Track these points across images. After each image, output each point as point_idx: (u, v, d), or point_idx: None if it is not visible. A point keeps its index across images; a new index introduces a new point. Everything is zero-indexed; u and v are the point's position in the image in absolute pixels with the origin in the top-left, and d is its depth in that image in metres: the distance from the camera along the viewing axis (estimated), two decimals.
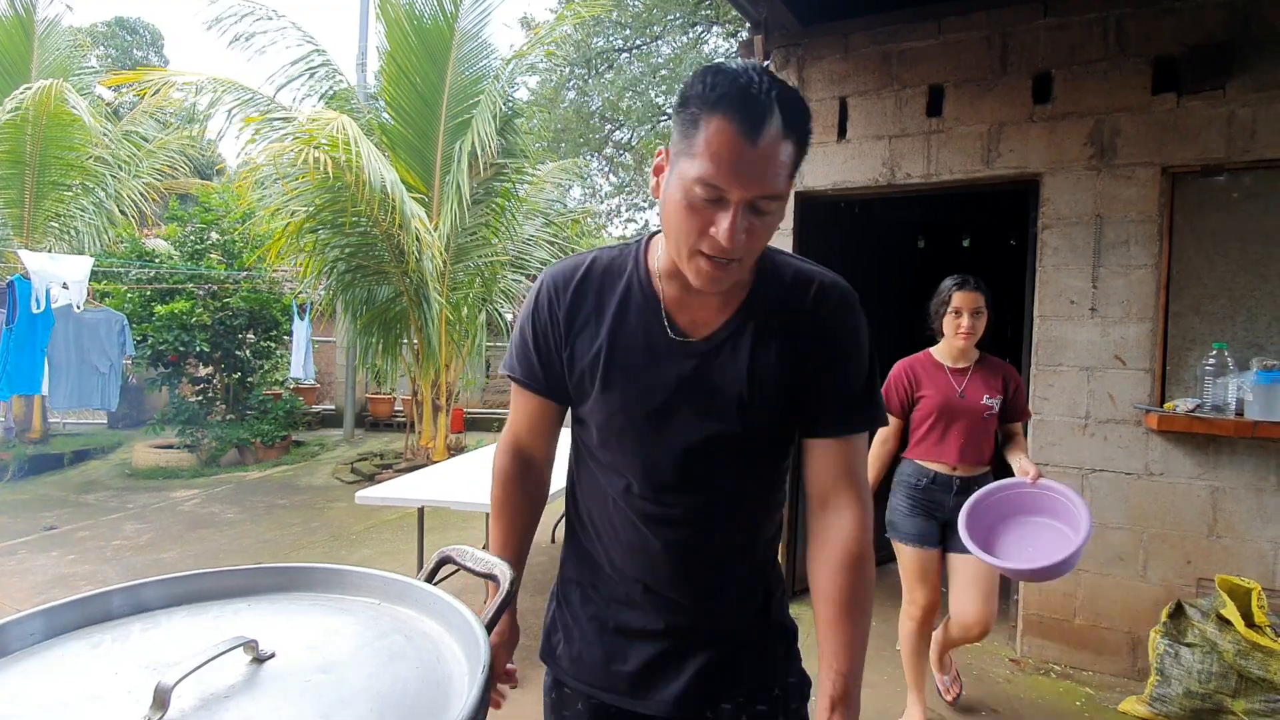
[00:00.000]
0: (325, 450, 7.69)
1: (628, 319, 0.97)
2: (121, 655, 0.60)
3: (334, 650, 0.61)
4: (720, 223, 0.80)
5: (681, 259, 0.87)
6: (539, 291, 1.02)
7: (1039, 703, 2.63)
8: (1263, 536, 2.66)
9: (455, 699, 0.57)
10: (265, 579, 0.74)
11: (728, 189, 0.79)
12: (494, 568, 0.74)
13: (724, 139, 0.77)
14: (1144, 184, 2.81)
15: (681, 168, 0.82)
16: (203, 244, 7.09)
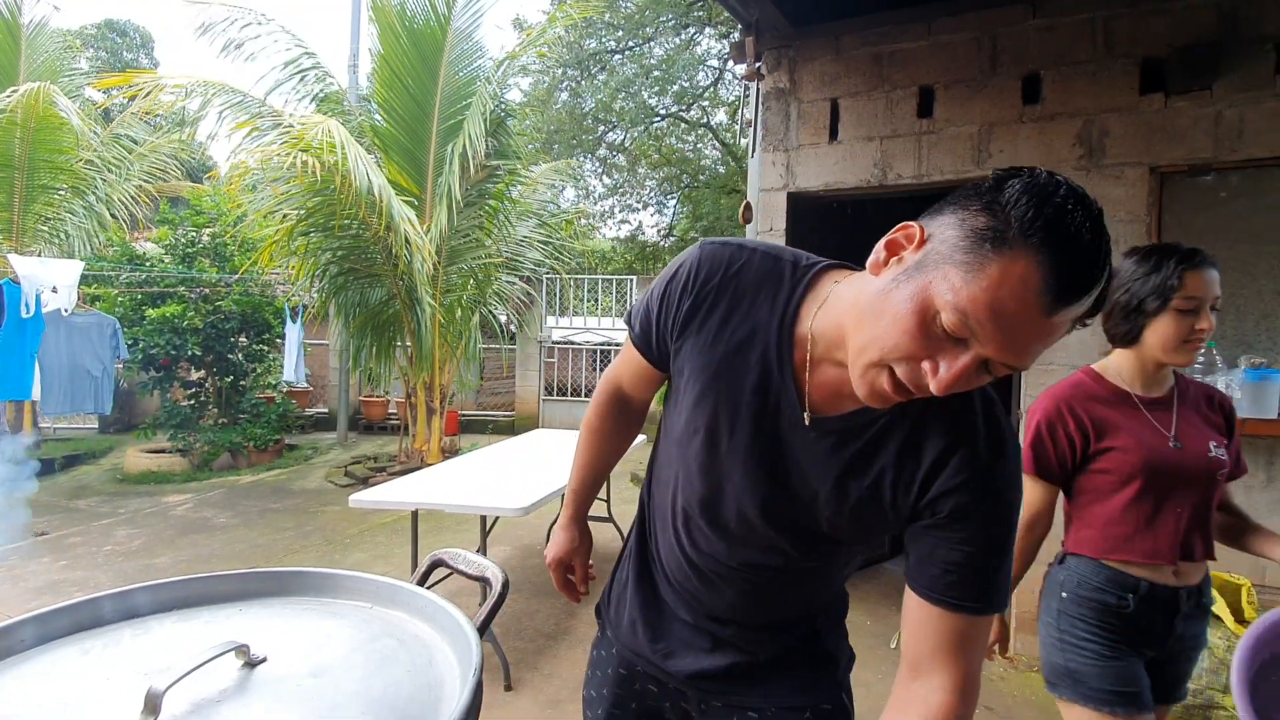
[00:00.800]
0: (318, 454, 7.66)
1: (750, 356, 0.82)
2: (113, 661, 0.60)
3: (326, 655, 0.61)
4: (943, 366, 0.64)
5: (859, 363, 0.70)
6: (684, 262, 0.89)
7: (1031, 699, 2.64)
8: None
9: (447, 702, 0.57)
10: (257, 584, 0.74)
11: (984, 344, 0.62)
12: (486, 570, 0.74)
13: (1022, 292, 0.60)
14: (1132, 184, 2.83)
15: (939, 279, 0.63)
16: (194, 247, 7.05)
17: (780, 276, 0.83)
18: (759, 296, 0.83)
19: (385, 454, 7.40)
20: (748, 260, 0.85)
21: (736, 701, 0.98)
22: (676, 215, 15.22)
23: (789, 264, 0.84)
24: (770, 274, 0.84)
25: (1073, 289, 0.60)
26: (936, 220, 0.67)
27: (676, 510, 0.94)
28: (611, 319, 9.25)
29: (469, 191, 6.00)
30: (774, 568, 0.88)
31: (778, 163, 3.46)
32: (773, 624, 0.96)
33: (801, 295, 0.81)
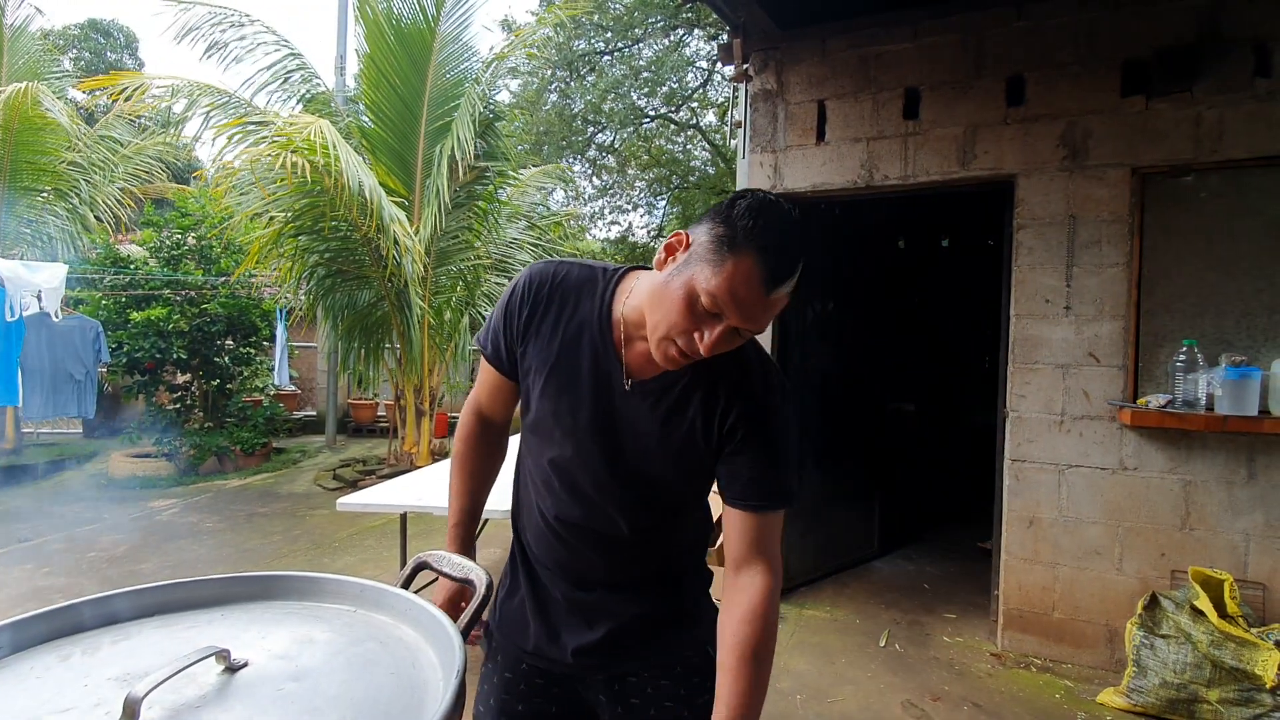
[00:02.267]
0: (307, 457, 7.61)
1: (581, 343, 1.03)
2: (91, 667, 0.60)
3: (307, 659, 0.61)
4: (706, 334, 0.88)
5: (654, 338, 0.93)
6: (518, 283, 1.09)
7: (1020, 696, 2.66)
8: (1234, 528, 2.72)
9: (430, 704, 0.57)
10: (239, 589, 0.74)
11: (730, 317, 0.87)
12: (470, 572, 0.74)
13: (749, 280, 0.85)
14: (1115, 184, 2.86)
15: (698, 272, 0.87)
16: (179, 249, 6.99)
17: (595, 279, 1.05)
18: (581, 296, 1.04)
19: (374, 457, 7.36)
20: (568, 271, 1.07)
21: (616, 670, 1.12)
22: (666, 216, 15.24)
23: (600, 270, 1.06)
24: (588, 279, 1.05)
25: (781, 278, 0.86)
26: (697, 229, 0.92)
27: (539, 490, 1.10)
28: None
29: (458, 193, 5.98)
30: (627, 525, 1.06)
31: (766, 164, 3.48)
32: (634, 583, 1.11)
33: (613, 290, 1.03)
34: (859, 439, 4.07)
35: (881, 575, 3.95)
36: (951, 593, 3.67)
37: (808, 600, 3.57)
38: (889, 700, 2.61)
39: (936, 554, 4.31)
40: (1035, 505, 2.98)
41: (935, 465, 5.19)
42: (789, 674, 2.80)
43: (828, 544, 3.94)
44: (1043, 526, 2.97)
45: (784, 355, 3.57)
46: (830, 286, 3.86)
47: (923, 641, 3.12)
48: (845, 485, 4.01)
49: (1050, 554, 2.95)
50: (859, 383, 4.05)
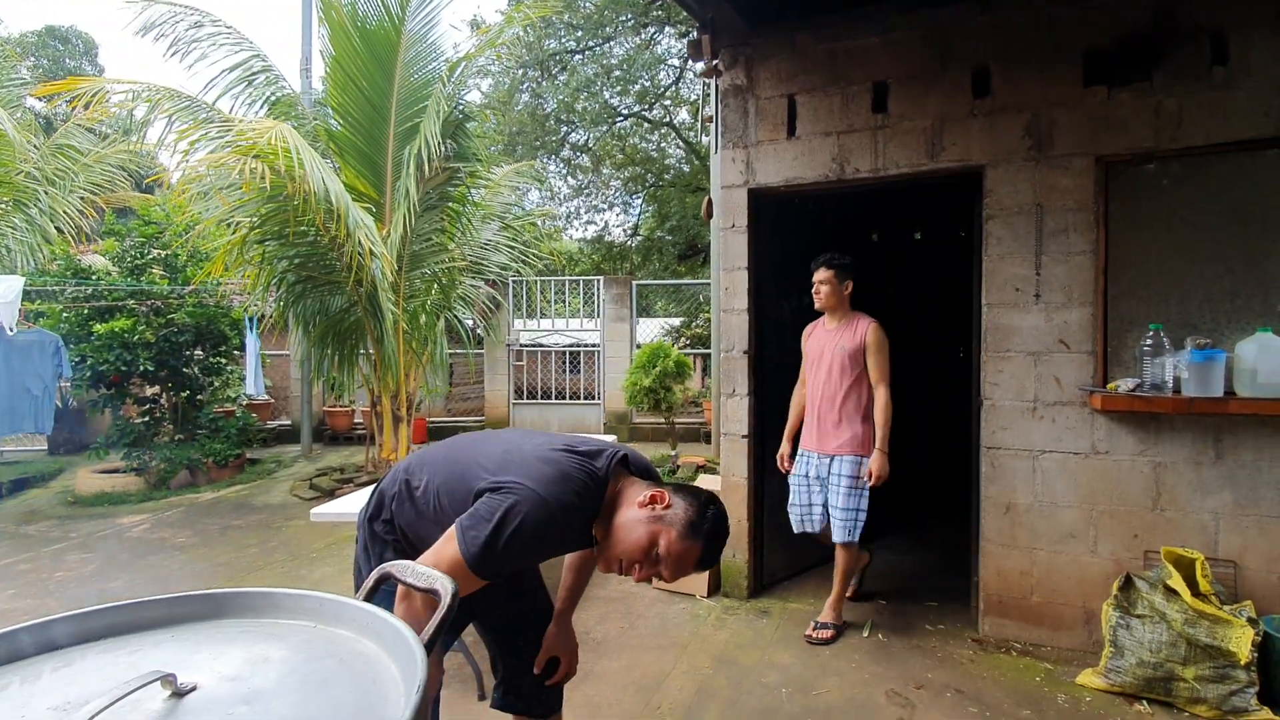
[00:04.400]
0: (282, 467, 7.47)
1: (566, 548, 1.50)
2: (29, 696, 0.56)
3: (260, 680, 0.58)
4: (643, 571, 1.34)
5: (608, 551, 1.36)
6: (518, 532, 1.26)
7: (1001, 680, 2.69)
8: (1204, 508, 2.77)
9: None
10: (189, 608, 0.70)
11: (665, 572, 1.33)
12: (435, 582, 0.71)
13: (693, 560, 1.34)
14: (1080, 173, 2.90)
15: (665, 531, 1.32)
16: (143, 259, 6.80)
17: (583, 506, 1.37)
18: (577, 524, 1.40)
19: (352, 465, 7.25)
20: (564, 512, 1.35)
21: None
22: (642, 214, 15.23)
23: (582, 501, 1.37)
24: (580, 506, 1.37)
25: (706, 568, 1.38)
26: (676, 498, 1.37)
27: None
28: (580, 320, 9.20)
29: (429, 195, 5.89)
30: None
31: (738, 159, 3.47)
32: None
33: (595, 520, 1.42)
34: None
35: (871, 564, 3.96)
36: (932, 581, 3.70)
37: (791, 594, 3.58)
38: (873, 690, 2.62)
39: (917, 544, 4.34)
40: (1011, 491, 3.01)
41: (912, 457, 5.23)
42: (774, 668, 2.80)
43: (808, 540, 3.94)
44: (1019, 512, 3.00)
45: (760, 350, 3.57)
46: (805, 281, 3.87)
47: (905, 630, 3.14)
48: None
49: (1027, 539, 2.99)
50: None
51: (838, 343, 3.15)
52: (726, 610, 3.39)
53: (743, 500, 3.51)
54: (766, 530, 3.63)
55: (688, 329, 10.61)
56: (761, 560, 3.61)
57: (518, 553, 1.25)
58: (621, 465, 1.45)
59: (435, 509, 1.42)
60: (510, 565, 1.26)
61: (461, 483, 1.38)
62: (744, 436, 3.51)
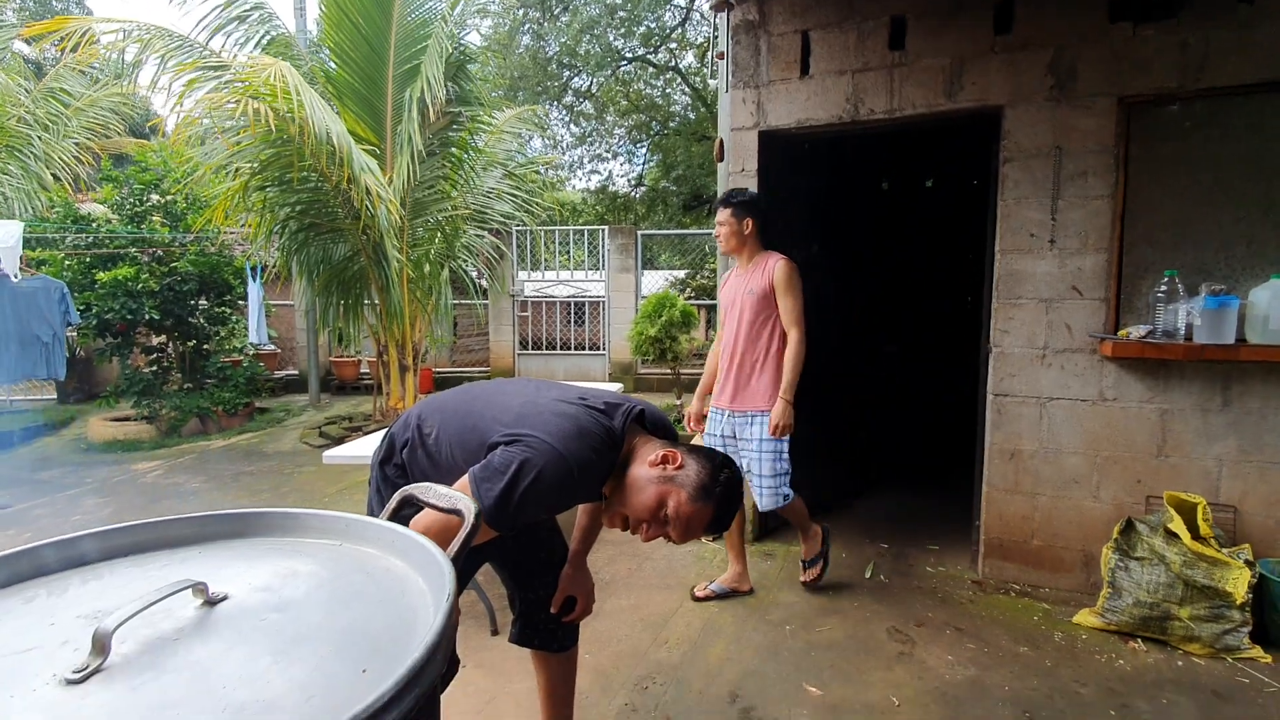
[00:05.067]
0: (291, 416, 7.54)
1: (579, 500, 1.52)
2: (58, 607, 0.57)
3: (290, 591, 0.59)
4: (650, 530, 1.33)
5: (614, 508, 1.38)
6: (534, 488, 1.25)
7: (999, 619, 2.76)
8: (1208, 454, 2.78)
9: (420, 630, 0.55)
10: (217, 526, 0.71)
11: (674, 533, 1.31)
12: (457, 502, 0.72)
13: (703, 522, 1.32)
14: (1101, 114, 2.81)
15: (674, 492, 1.30)
16: (143, 206, 6.72)
17: (601, 459, 1.36)
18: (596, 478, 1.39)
19: (360, 414, 7.32)
20: (580, 470, 1.33)
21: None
22: (646, 164, 14.94)
23: (598, 453, 1.36)
24: (596, 463, 1.36)
25: (717, 532, 1.37)
26: (689, 459, 1.34)
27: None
28: (584, 271, 9.12)
29: (431, 141, 5.77)
30: None
31: (748, 100, 3.37)
32: None
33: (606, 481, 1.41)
34: (843, 379, 4.09)
35: (866, 512, 4.03)
36: (934, 525, 3.76)
37: (794, 539, 3.64)
38: (875, 628, 2.69)
39: (919, 490, 4.40)
40: (1017, 438, 3.02)
41: (919, 404, 5.26)
42: (778, 606, 2.87)
43: (814, 483, 3.99)
44: (1023, 458, 3.02)
45: None
46: (815, 229, 3.81)
47: (906, 572, 3.20)
48: (830, 427, 4.05)
49: (1030, 484, 3.02)
50: (843, 325, 4.05)
51: (746, 286, 2.88)
52: None
53: None
54: None
55: (693, 280, 10.53)
56: None
57: (532, 507, 1.23)
58: (637, 422, 1.43)
59: (448, 459, 1.41)
60: (524, 519, 1.24)
61: (475, 434, 1.36)
62: None
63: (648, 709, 2.20)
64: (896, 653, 2.52)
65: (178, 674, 0.48)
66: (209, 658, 0.50)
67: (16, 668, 0.49)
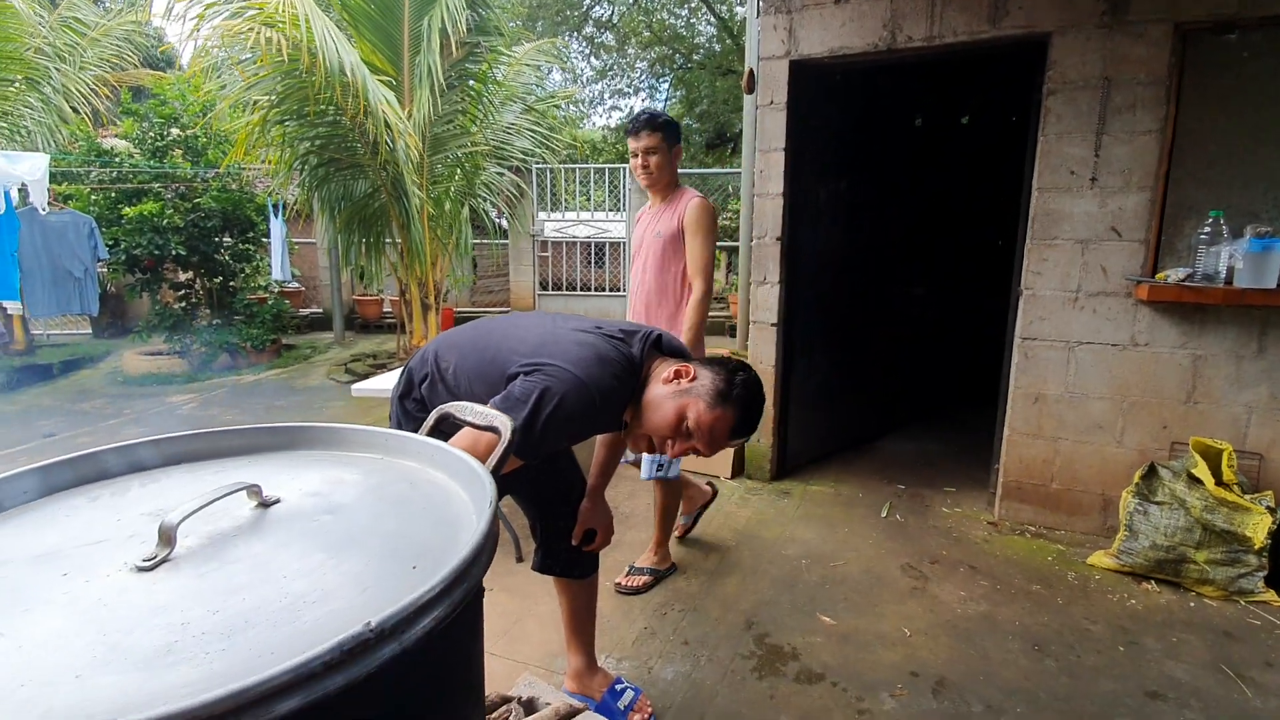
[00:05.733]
0: (317, 353, 7.68)
1: (601, 429, 1.52)
2: (122, 506, 0.60)
3: (339, 496, 0.61)
4: (677, 446, 1.35)
5: (637, 430, 1.40)
6: (556, 415, 1.25)
7: (1013, 559, 2.80)
8: (1238, 401, 2.74)
9: (464, 534, 0.57)
10: (265, 438, 0.74)
11: (700, 444, 1.33)
12: (494, 420, 0.74)
13: (726, 428, 1.32)
14: (1155, 42, 2.66)
15: (693, 404, 1.31)
16: (164, 140, 6.70)
17: (621, 385, 1.36)
18: (617, 404, 1.41)
19: (384, 351, 7.43)
20: (602, 398, 1.33)
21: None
22: (669, 100, 14.49)
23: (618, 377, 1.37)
24: (617, 389, 1.37)
25: (742, 436, 1.37)
26: (703, 370, 1.36)
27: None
28: (605, 212, 9.00)
29: (449, 72, 5.63)
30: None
31: (779, 26, 3.23)
32: None
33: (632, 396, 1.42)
34: (867, 322, 4.05)
35: (885, 453, 4.06)
36: (952, 469, 3.78)
37: (813, 477, 3.69)
38: (889, 564, 2.75)
39: (939, 433, 4.41)
40: (1042, 382, 2.99)
41: (943, 348, 5.20)
42: (795, 542, 2.93)
43: (834, 424, 4.02)
44: (1048, 403, 3.00)
45: (794, 235, 3.48)
46: (844, 164, 3.71)
47: (923, 512, 3.25)
48: (851, 367, 4.04)
49: (1053, 429, 3.01)
50: (869, 265, 3.98)
51: (655, 228, 2.52)
52: (749, 491, 3.52)
53: (770, 386, 3.55)
54: (792, 416, 3.69)
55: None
56: (785, 444, 3.70)
57: (554, 435, 1.24)
58: (655, 347, 1.45)
59: (467, 392, 1.43)
60: (548, 447, 1.25)
61: (494, 366, 1.37)
62: (773, 324, 3.50)
63: (666, 633, 2.29)
64: (910, 588, 2.58)
65: (239, 564, 0.51)
66: (266, 553, 0.53)
67: (90, 557, 0.52)
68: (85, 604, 0.46)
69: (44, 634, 0.43)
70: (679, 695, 1.99)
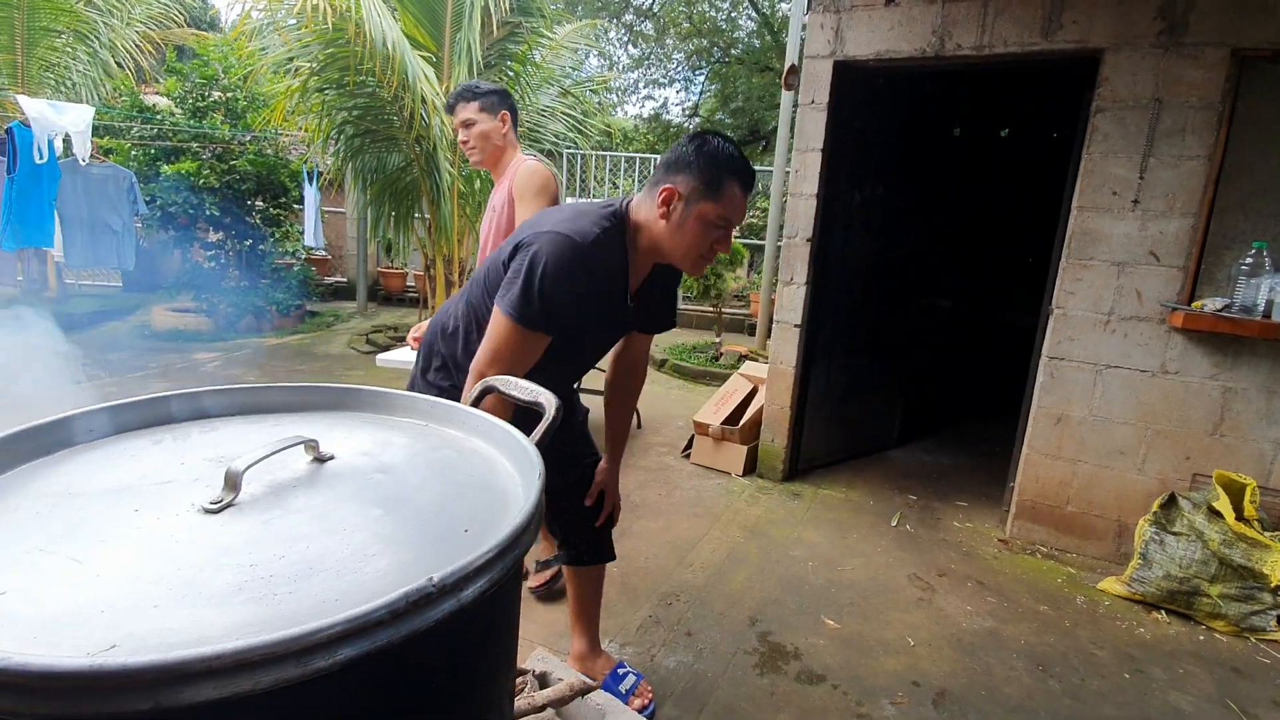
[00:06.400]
0: (340, 321, 7.77)
1: (608, 295, 1.42)
2: (185, 450, 0.62)
3: (389, 457, 0.63)
4: (723, 241, 1.38)
5: (689, 259, 1.39)
6: (552, 271, 1.29)
7: (1022, 577, 2.79)
8: (1265, 437, 2.70)
9: (512, 504, 0.59)
10: (317, 397, 0.76)
11: (734, 221, 1.36)
12: (538, 395, 0.75)
13: (739, 196, 1.35)
14: (1211, 66, 2.60)
15: (703, 207, 1.33)
16: (205, 101, 6.78)
17: (607, 232, 1.37)
18: (604, 255, 1.38)
19: (405, 325, 7.49)
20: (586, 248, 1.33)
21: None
22: (704, 94, 14.41)
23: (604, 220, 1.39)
24: (602, 239, 1.36)
25: (749, 186, 1.36)
26: (677, 179, 1.34)
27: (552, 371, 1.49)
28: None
29: (489, 52, 5.64)
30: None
31: (826, 25, 3.20)
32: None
33: (626, 233, 1.43)
34: (890, 331, 4.03)
35: (899, 463, 4.04)
36: (965, 483, 3.76)
37: (824, 481, 3.69)
38: (896, 573, 2.75)
39: (954, 447, 4.38)
40: (1066, 403, 2.97)
41: (965, 362, 5.16)
42: (802, 544, 2.94)
43: (848, 430, 4.01)
44: (1070, 424, 2.97)
45: (825, 239, 3.47)
46: (882, 169, 3.68)
47: (933, 525, 3.24)
48: (872, 375, 4.02)
49: (1074, 450, 2.98)
50: (897, 274, 3.95)
51: (492, 202, 2.30)
52: (760, 490, 3.52)
53: (789, 387, 3.55)
54: (808, 418, 3.69)
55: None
56: (799, 446, 3.70)
57: (554, 294, 1.28)
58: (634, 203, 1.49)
59: (481, 311, 1.45)
60: (557, 311, 1.29)
61: (493, 271, 1.42)
62: (796, 325, 3.49)
63: (670, 623, 2.31)
64: (916, 598, 2.58)
65: (301, 514, 0.52)
66: (325, 504, 0.55)
67: (160, 496, 0.54)
68: (158, 541, 0.48)
69: (120, 566, 0.45)
70: (680, 684, 2.01)
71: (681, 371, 6.08)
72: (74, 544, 0.46)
